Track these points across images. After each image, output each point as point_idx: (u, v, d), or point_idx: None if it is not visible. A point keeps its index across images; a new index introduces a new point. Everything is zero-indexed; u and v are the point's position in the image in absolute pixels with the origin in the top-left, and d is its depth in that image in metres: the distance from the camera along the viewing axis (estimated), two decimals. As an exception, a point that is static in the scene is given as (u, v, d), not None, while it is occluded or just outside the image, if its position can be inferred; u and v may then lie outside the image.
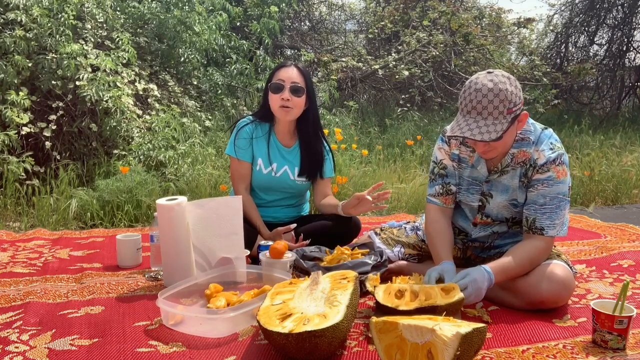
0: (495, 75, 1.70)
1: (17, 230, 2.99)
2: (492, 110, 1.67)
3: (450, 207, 2.01)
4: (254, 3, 6.48)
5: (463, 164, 1.95)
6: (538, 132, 1.84)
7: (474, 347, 1.33)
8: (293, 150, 2.41)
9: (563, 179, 1.80)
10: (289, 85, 2.26)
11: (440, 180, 1.99)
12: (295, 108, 2.28)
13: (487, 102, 1.67)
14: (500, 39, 7.94)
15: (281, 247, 1.99)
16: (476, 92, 1.68)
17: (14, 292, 1.95)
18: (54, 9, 4.00)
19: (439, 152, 2.00)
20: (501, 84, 1.68)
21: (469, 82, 1.72)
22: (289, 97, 2.25)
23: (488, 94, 1.67)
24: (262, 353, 1.50)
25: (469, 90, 1.70)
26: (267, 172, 2.36)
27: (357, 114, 6.33)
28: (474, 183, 1.94)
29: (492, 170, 1.89)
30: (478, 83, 1.69)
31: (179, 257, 1.96)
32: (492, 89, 1.67)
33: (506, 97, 1.67)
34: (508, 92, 1.67)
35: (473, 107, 1.69)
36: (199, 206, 1.97)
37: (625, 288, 1.53)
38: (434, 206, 2.01)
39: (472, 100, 1.68)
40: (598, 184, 4.15)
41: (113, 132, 3.85)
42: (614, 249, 2.60)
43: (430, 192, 2.02)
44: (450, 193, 1.98)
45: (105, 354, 1.49)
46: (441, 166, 1.99)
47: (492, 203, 1.91)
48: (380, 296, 1.68)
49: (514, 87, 1.70)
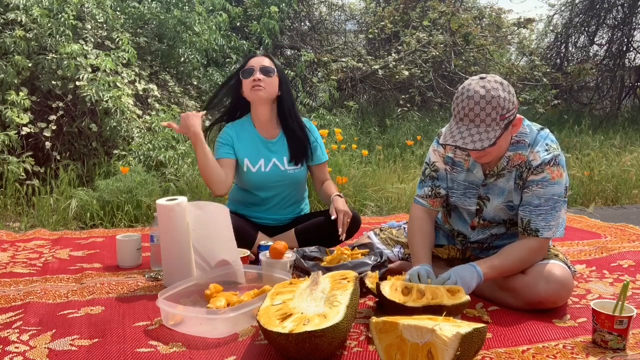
0: (488, 81, 1.67)
1: (17, 230, 2.99)
2: (485, 118, 1.65)
3: (436, 209, 2.02)
4: (254, 3, 6.48)
5: (458, 167, 1.94)
6: (534, 134, 1.82)
7: (474, 347, 1.33)
8: (278, 141, 2.40)
9: (558, 180, 1.78)
10: (259, 67, 2.30)
11: (430, 182, 1.99)
12: (266, 87, 2.29)
13: (480, 110, 1.64)
14: (500, 39, 7.94)
15: (281, 247, 1.99)
16: (468, 99, 1.66)
17: (14, 292, 1.96)
18: (54, 9, 4.00)
19: (433, 154, 1.99)
20: (494, 90, 1.65)
21: (461, 88, 1.70)
22: (259, 77, 2.28)
23: (480, 101, 1.64)
24: (262, 353, 1.50)
25: (462, 97, 1.68)
26: (255, 170, 2.35)
27: (357, 114, 6.33)
28: (470, 187, 1.93)
29: (488, 174, 1.88)
30: (470, 90, 1.66)
31: (178, 258, 1.96)
32: (484, 96, 1.64)
33: (499, 104, 1.64)
34: (501, 99, 1.65)
35: (465, 115, 1.67)
36: (199, 207, 1.97)
37: (625, 288, 1.53)
38: (420, 207, 2.01)
39: (465, 107, 1.66)
40: (598, 184, 4.15)
41: (113, 132, 3.85)
42: (614, 249, 2.60)
43: (419, 193, 2.03)
44: (438, 196, 1.98)
45: (105, 354, 1.49)
46: (433, 168, 1.99)
47: (489, 206, 1.91)
48: (387, 292, 1.68)
49: (507, 92, 1.67)
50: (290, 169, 2.39)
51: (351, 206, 3.56)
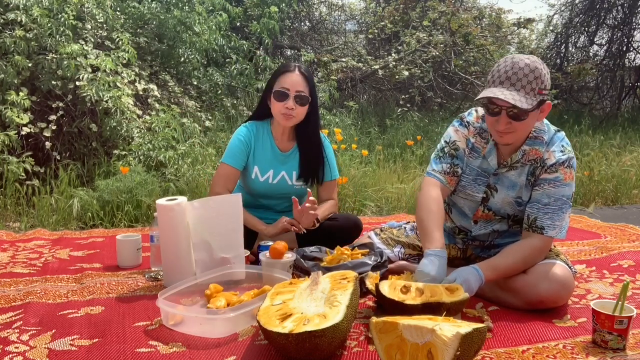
0: (531, 56, 1.75)
1: (17, 230, 2.99)
2: (526, 84, 1.70)
3: (450, 188, 1.98)
4: (254, 3, 6.48)
5: (475, 153, 1.94)
6: (552, 133, 1.86)
7: (474, 347, 1.33)
8: (290, 154, 2.38)
9: (569, 182, 1.81)
10: (294, 94, 2.22)
11: (450, 159, 1.96)
12: (297, 116, 2.26)
13: (523, 75, 1.70)
14: (500, 39, 7.94)
15: (281, 247, 1.99)
16: (513, 64, 1.72)
17: (14, 292, 1.96)
18: (54, 9, 4.00)
19: (454, 133, 1.97)
20: (537, 63, 1.73)
21: (504, 59, 1.77)
22: (293, 106, 2.22)
23: (524, 67, 1.71)
24: (262, 353, 1.50)
25: (505, 63, 1.74)
26: (263, 179, 2.34)
27: (357, 114, 6.33)
28: (482, 174, 1.93)
29: (502, 164, 1.89)
30: (515, 58, 1.74)
31: (178, 257, 1.96)
32: (528, 64, 1.71)
33: (540, 76, 1.71)
34: (542, 73, 1.72)
35: (507, 78, 1.71)
36: (199, 205, 1.97)
37: (625, 288, 1.53)
38: (437, 182, 1.94)
39: (508, 71, 1.71)
40: (598, 184, 4.15)
41: (113, 132, 3.85)
42: (614, 249, 2.60)
43: (436, 168, 1.97)
44: (456, 175, 1.96)
45: (105, 354, 1.49)
46: (454, 147, 1.96)
47: (496, 197, 1.92)
48: (385, 290, 1.68)
49: (546, 71, 1.75)
50: (297, 185, 2.37)
51: (351, 206, 3.58)
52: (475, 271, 1.72)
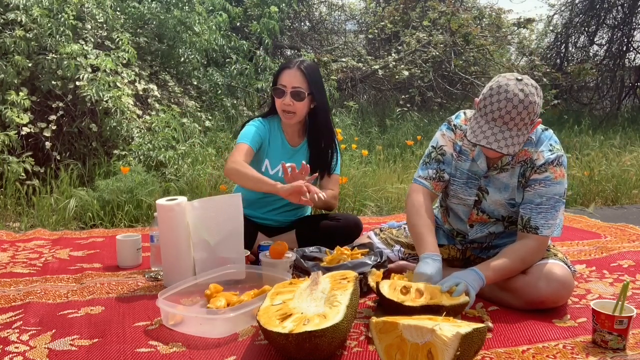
0: (526, 84, 1.68)
1: (17, 230, 2.99)
2: (518, 122, 1.68)
3: (437, 193, 2.00)
4: (254, 3, 6.49)
5: (463, 156, 1.95)
6: (539, 133, 1.85)
7: (474, 347, 1.33)
8: (300, 149, 2.40)
9: (560, 180, 1.81)
10: (290, 90, 2.24)
11: (436, 165, 1.97)
12: (297, 112, 2.27)
13: (516, 114, 1.67)
14: (500, 39, 7.94)
15: (281, 247, 1.99)
16: (507, 101, 1.67)
17: (14, 292, 1.96)
18: (54, 9, 4.00)
19: (441, 138, 1.98)
20: (531, 95, 1.67)
21: (498, 87, 1.69)
22: (290, 102, 2.24)
23: (518, 105, 1.66)
24: (262, 353, 1.50)
25: (499, 97, 1.68)
26: (273, 172, 2.35)
27: (357, 114, 6.33)
28: (472, 177, 1.93)
29: (492, 167, 1.89)
30: (509, 92, 1.67)
31: (178, 257, 1.96)
32: (522, 100, 1.66)
33: (533, 110, 1.68)
34: (535, 105, 1.69)
35: (501, 116, 1.68)
36: (199, 205, 1.97)
37: (625, 288, 1.53)
38: (422, 188, 1.97)
39: (501, 109, 1.67)
40: (598, 184, 4.15)
41: (113, 132, 3.85)
42: (614, 249, 2.60)
43: (422, 174, 1.99)
44: (442, 180, 1.97)
45: (105, 354, 1.50)
46: (440, 152, 1.98)
47: (488, 199, 1.92)
48: (385, 290, 1.68)
49: (539, 97, 1.71)
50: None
51: (351, 206, 3.58)
52: (476, 273, 1.72)
